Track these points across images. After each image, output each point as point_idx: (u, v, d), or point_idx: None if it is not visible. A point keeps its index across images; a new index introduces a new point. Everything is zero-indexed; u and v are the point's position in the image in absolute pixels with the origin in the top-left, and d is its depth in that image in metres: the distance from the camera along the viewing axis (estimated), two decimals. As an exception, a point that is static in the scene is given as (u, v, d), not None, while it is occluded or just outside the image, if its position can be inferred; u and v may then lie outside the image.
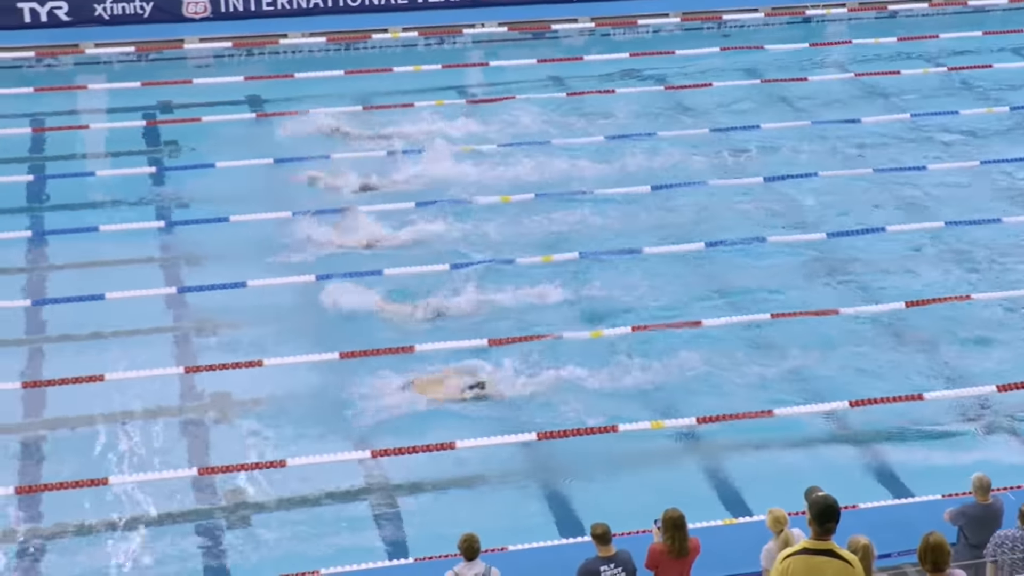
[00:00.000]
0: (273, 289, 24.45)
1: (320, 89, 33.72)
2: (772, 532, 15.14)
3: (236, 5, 37.95)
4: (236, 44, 36.88)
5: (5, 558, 18.22)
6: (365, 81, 34.49)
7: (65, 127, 31.77)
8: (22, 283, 25.09)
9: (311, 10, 38.22)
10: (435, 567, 16.20)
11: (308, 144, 30.28)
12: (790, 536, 14.95)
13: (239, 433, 20.73)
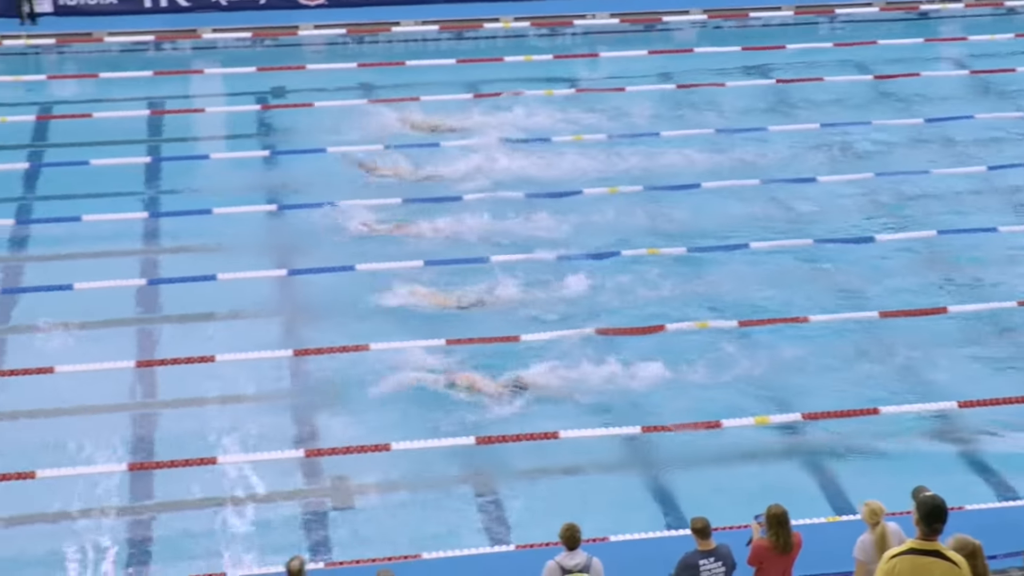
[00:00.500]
0: (381, 274, 24.49)
1: (431, 77, 33.79)
2: (868, 524, 14.99)
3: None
4: (350, 31, 37.03)
5: (115, 534, 18.40)
6: (476, 70, 34.50)
7: (181, 110, 32.04)
8: (137, 264, 25.31)
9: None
10: (536, 555, 16.14)
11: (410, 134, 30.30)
12: (886, 529, 14.81)
13: (345, 416, 20.77)
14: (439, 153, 29.28)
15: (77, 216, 26.59)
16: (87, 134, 30.54)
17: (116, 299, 23.89)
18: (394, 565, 15.33)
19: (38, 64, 35.42)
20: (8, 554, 18.09)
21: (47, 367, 21.78)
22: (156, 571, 17.68)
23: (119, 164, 28.93)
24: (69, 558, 17.95)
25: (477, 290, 23.95)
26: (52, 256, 25.49)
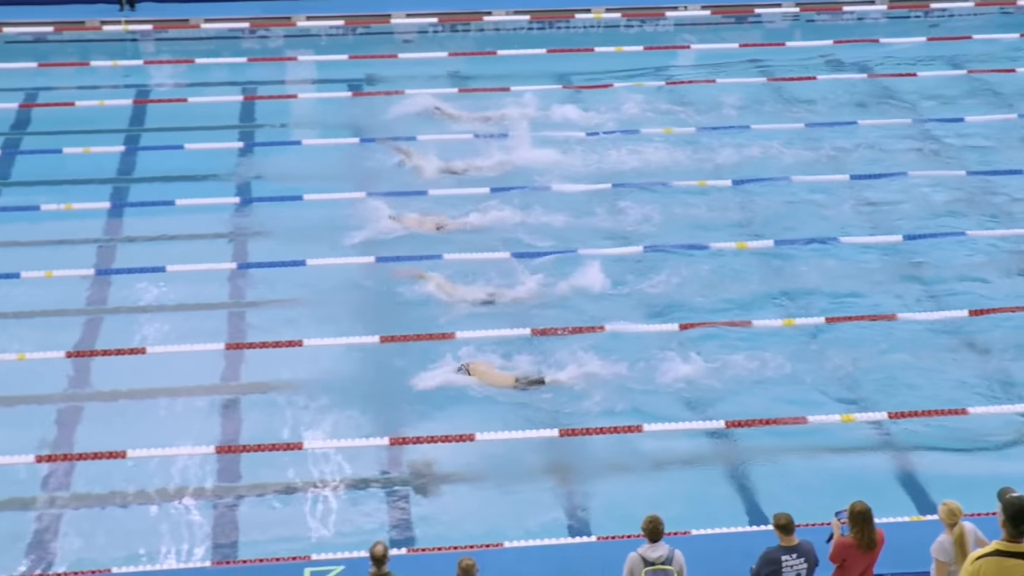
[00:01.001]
0: (470, 264, 24.53)
1: (521, 67, 33.76)
2: (945, 525, 14.85)
3: (443, -19, 38.18)
4: (441, 20, 37.03)
5: (203, 515, 18.57)
6: (566, 60, 34.43)
7: (274, 96, 32.19)
8: (228, 247, 25.48)
9: (517, -11, 38.29)
10: (619, 547, 16.14)
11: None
12: (964, 529, 14.68)
13: (427, 406, 20.80)
14: (523, 143, 29.16)
15: (171, 200, 26.84)
16: (182, 119, 30.80)
17: (207, 282, 24.08)
18: (476, 553, 15.31)
19: (136, 50, 35.71)
20: (100, 531, 18.30)
21: (140, 348, 22.01)
22: (242, 552, 17.81)
23: (212, 149, 29.12)
24: (157, 537, 18.14)
25: (569, 281, 23.92)
26: (145, 238, 25.69)
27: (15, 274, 24.23)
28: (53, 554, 17.80)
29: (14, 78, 33.18)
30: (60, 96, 32.20)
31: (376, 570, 14.71)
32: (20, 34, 35.92)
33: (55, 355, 21.94)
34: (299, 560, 17.32)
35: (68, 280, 24.13)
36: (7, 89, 32.41)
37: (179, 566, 17.48)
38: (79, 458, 19.58)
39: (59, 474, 19.39)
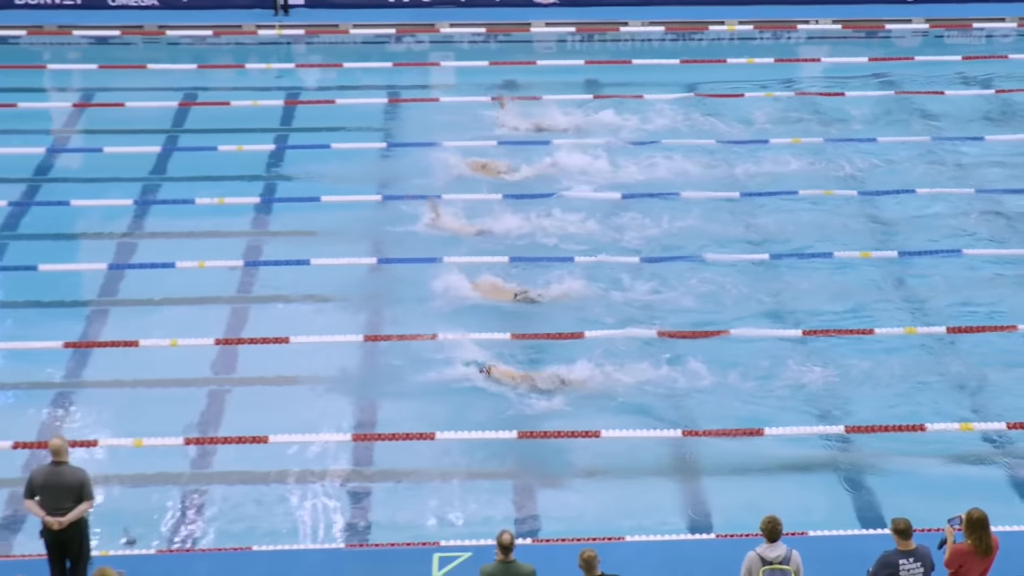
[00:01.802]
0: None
1: (655, 76, 33.59)
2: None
3: (583, -8, 38.12)
4: (579, 29, 36.98)
5: (338, 499, 18.65)
6: (699, 71, 34.19)
7: (417, 99, 32.31)
8: (367, 245, 25.51)
9: (653, 0, 38.05)
10: (738, 545, 15.96)
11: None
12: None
13: (550, 404, 20.70)
14: (657, 151, 29.01)
15: (316, 197, 27.03)
16: (329, 119, 31.00)
17: (348, 275, 24.19)
18: (598, 546, 15.21)
19: (288, 53, 36.08)
20: (241, 511, 18.47)
21: (283, 337, 22.16)
22: (374, 536, 17.85)
23: (357, 148, 29.25)
24: (294, 518, 18.25)
25: (687, 284, 23.75)
26: (292, 232, 25.87)
27: (171, 263, 24.54)
28: (197, 530, 17.98)
29: (175, 78, 33.64)
30: (217, 96, 32.61)
31: (503, 557, 14.67)
32: (181, 37, 36.44)
33: (205, 342, 22.19)
34: (428, 546, 17.34)
35: (218, 270, 24.39)
36: (168, 88, 32.85)
37: (315, 547, 17.57)
38: (224, 441, 19.78)
39: (205, 455, 19.60)
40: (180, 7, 37.65)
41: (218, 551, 17.38)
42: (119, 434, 19.76)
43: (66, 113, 32.12)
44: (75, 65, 35.29)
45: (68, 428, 19.93)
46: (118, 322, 23.07)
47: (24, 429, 19.96)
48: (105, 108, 32.04)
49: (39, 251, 25.21)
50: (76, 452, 18.09)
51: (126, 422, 20.12)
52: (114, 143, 29.71)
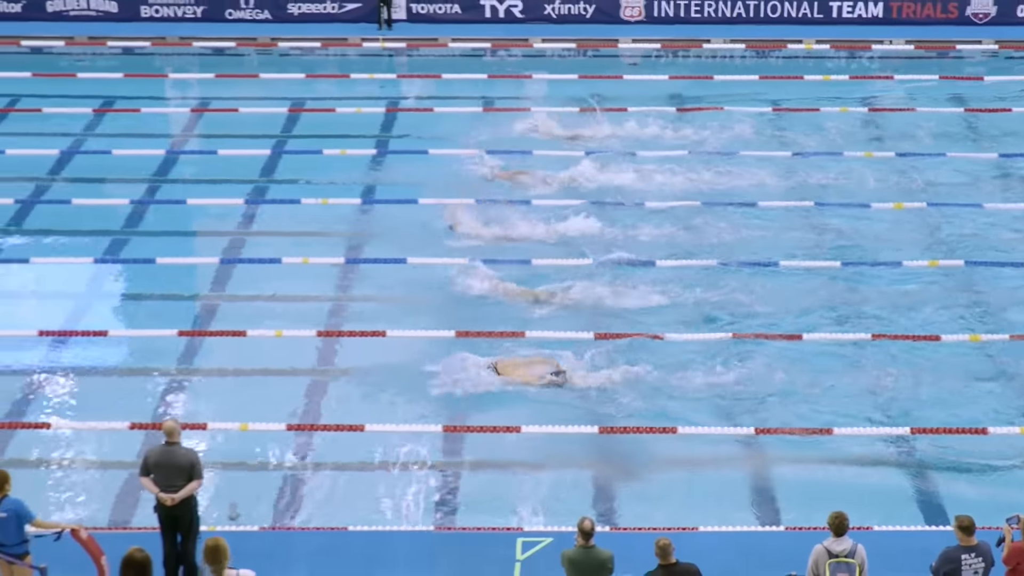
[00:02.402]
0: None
1: (735, 91, 33.39)
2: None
3: (667, 11, 37.94)
4: (664, 46, 36.85)
5: (428, 485, 18.69)
6: (777, 87, 33.95)
7: (510, 109, 32.30)
8: (465, 244, 25.53)
9: (734, 19, 37.89)
10: (806, 538, 15.77)
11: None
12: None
13: (632, 397, 20.63)
14: (737, 161, 28.84)
15: (414, 199, 27.08)
16: (428, 127, 31.04)
17: (441, 275, 24.18)
18: (673, 535, 15.10)
19: (390, 64, 36.21)
20: (337, 494, 18.55)
21: (380, 331, 22.23)
22: (461, 520, 17.85)
23: (453, 155, 29.27)
24: (387, 502, 18.30)
25: (760, 290, 23.62)
26: (390, 233, 25.88)
27: (277, 259, 24.67)
28: (297, 510, 18.07)
29: (285, 87, 33.86)
30: (323, 104, 32.75)
31: (583, 543, 14.61)
32: (291, 49, 36.71)
33: (307, 333, 22.29)
34: (512, 531, 17.33)
35: (321, 267, 24.46)
36: (278, 96, 33.05)
37: (406, 528, 17.60)
38: (323, 428, 19.86)
39: (305, 440, 19.69)
40: (291, 20, 37.95)
41: (316, 530, 17.46)
42: (226, 418, 19.91)
43: (184, 118, 32.44)
44: (194, 74, 35.66)
45: (179, 412, 20.12)
46: (228, 313, 23.25)
47: (140, 411, 20.16)
48: (220, 114, 32.36)
49: (157, 246, 25.46)
50: (186, 434, 18.31)
51: (233, 407, 20.27)
52: (227, 146, 29.96)
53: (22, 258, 25.16)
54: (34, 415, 20.23)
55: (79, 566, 15.30)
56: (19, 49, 36.53)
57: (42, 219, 26.75)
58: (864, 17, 37.93)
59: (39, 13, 37.87)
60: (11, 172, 28.60)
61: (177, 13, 38.04)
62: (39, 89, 33.38)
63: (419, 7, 38.03)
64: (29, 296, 24.24)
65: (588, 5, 38.14)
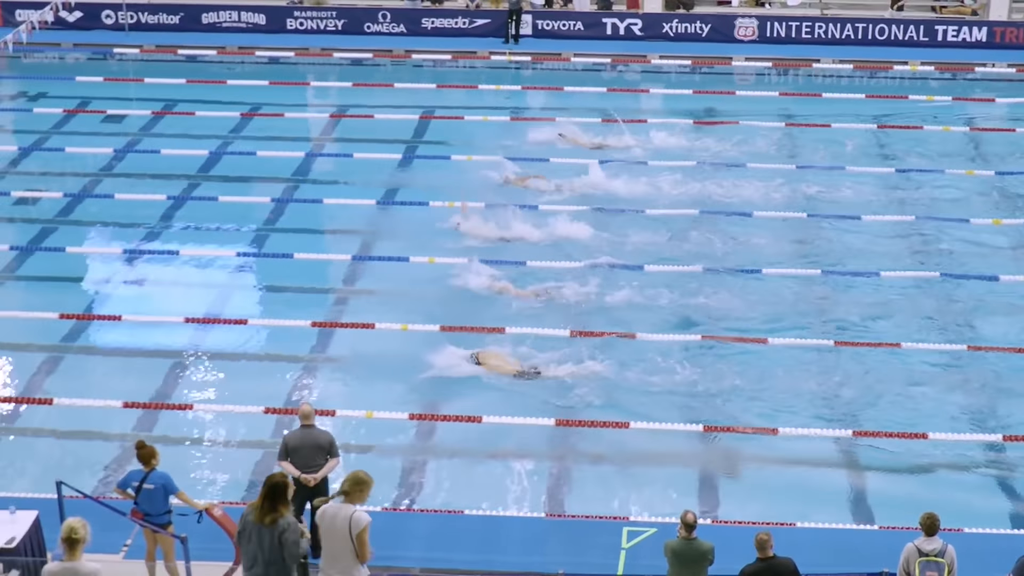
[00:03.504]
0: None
1: (842, 109, 32.98)
2: None
3: (780, 31, 37.61)
4: (776, 64, 36.54)
5: (540, 475, 18.66)
6: (881, 105, 33.47)
7: (628, 120, 32.16)
8: (588, 247, 25.44)
9: (843, 40, 37.48)
10: (898, 537, 15.57)
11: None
12: None
13: (738, 399, 20.48)
14: (838, 177, 28.48)
15: (535, 205, 27.02)
16: (550, 135, 30.96)
17: (562, 277, 24.12)
18: (770, 530, 14.93)
19: (516, 77, 36.26)
20: (455, 480, 18.67)
21: (498, 327, 22.19)
22: (570, 508, 17.82)
23: (575, 164, 29.15)
24: (501, 489, 18.35)
25: (850, 297, 23.33)
26: (516, 238, 25.78)
27: (404, 258, 24.80)
28: (416, 493, 18.17)
29: (417, 96, 34.05)
30: (452, 112, 32.84)
31: (686, 535, 14.51)
32: (424, 60, 36.94)
33: (431, 328, 22.35)
34: (618, 520, 17.26)
35: (449, 266, 24.51)
36: (411, 105, 33.24)
37: (519, 514, 17.61)
38: (443, 419, 19.94)
39: (426, 429, 19.79)
40: (424, 34, 38.21)
41: (434, 512, 17.53)
42: (354, 406, 20.04)
43: (323, 123, 32.75)
44: (333, 83, 35.99)
45: (311, 397, 20.29)
46: (358, 306, 23.33)
47: (275, 396, 20.39)
48: (356, 120, 32.61)
49: (295, 242, 25.67)
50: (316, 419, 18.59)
51: (360, 395, 20.39)
52: (362, 150, 30.15)
53: (172, 250, 25.59)
54: (178, 397, 20.55)
55: (215, 538, 15.51)
56: (175, 57, 37.20)
57: (191, 214, 27.16)
58: (968, 41, 37.27)
59: (194, 24, 38.56)
60: (165, 170, 29.11)
61: (320, 26, 38.49)
62: (192, 94, 33.95)
63: (544, 23, 38.10)
64: (177, 285, 24.59)
65: (704, 24, 37.92)
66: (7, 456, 19.17)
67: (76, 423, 19.84)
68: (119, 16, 38.56)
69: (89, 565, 12.30)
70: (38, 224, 26.94)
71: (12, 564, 13.79)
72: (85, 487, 16.40)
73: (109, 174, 29.25)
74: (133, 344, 22.16)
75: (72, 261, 25.30)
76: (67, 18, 38.10)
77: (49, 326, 22.67)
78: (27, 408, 20.22)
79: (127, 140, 31.14)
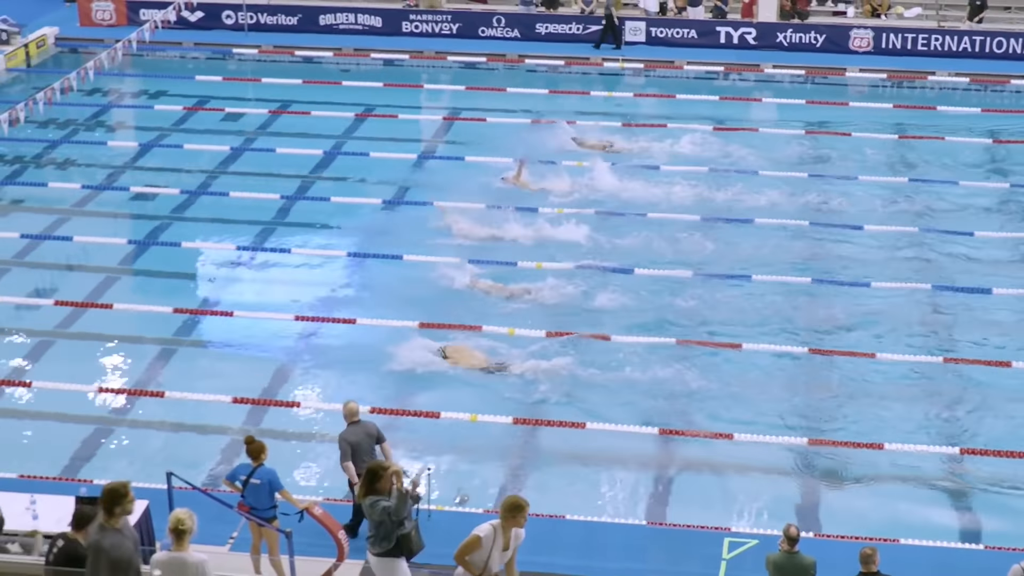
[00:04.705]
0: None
1: (957, 123, 32.49)
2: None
3: (895, 42, 37.07)
4: (890, 76, 36.02)
5: (644, 483, 18.64)
6: (998, 119, 32.91)
7: (739, 128, 31.88)
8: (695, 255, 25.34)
9: (959, 53, 36.86)
10: (1004, 557, 15.35)
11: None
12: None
13: (836, 413, 20.18)
14: (950, 190, 28.03)
15: (644, 213, 26.88)
16: (662, 140, 30.74)
17: (669, 287, 23.98)
18: (876, 545, 14.72)
19: (628, 83, 36.14)
20: (557, 484, 18.66)
21: (604, 334, 22.10)
22: (671, 517, 17.71)
23: (686, 171, 28.98)
24: (604, 495, 18.33)
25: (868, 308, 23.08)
26: (620, 249, 25.74)
27: (513, 262, 24.76)
28: (519, 496, 18.22)
29: (529, 101, 34.06)
30: (564, 116, 32.70)
31: (788, 548, 14.39)
32: (537, 65, 36.99)
33: (537, 333, 22.30)
34: (720, 530, 17.12)
35: (560, 272, 24.38)
36: (523, 110, 33.23)
37: (620, 521, 17.54)
38: (547, 424, 19.89)
39: (530, 434, 19.78)
40: (538, 39, 38.25)
41: (536, 516, 17.44)
42: (460, 409, 20.06)
43: (436, 126, 32.87)
44: (446, 86, 36.14)
45: (417, 401, 20.34)
46: (470, 309, 23.28)
47: (380, 397, 20.46)
48: (469, 123, 32.69)
49: (404, 244, 25.63)
50: (418, 422, 19.01)
51: (466, 399, 20.41)
52: (474, 153, 30.23)
53: (284, 248, 25.84)
54: (285, 394, 20.72)
55: (319, 533, 15.64)
56: (292, 58, 37.61)
57: (304, 214, 27.42)
58: (1089, 54, 36.57)
59: (312, 26, 38.96)
60: (279, 169, 29.44)
61: (435, 29, 38.70)
62: (308, 95, 34.29)
63: (658, 31, 37.92)
64: (288, 283, 24.78)
65: (818, 35, 37.52)
66: (120, 446, 19.53)
67: (186, 416, 20.15)
68: (239, 17, 39.09)
69: (196, 555, 12.46)
70: (155, 219, 27.39)
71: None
72: (194, 479, 16.63)
73: (225, 171, 29.67)
74: (243, 340, 22.41)
75: (187, 256, 25.68)
76: (189, 18, 38.72)
77: (163, 320, 23.03)
78: (140, 400, 20.57)
79: (243, 138, 31.58)
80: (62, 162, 30.49)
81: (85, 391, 20.73)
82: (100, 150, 31.25)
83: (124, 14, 39.38)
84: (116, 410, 20.50)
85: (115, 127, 33.30)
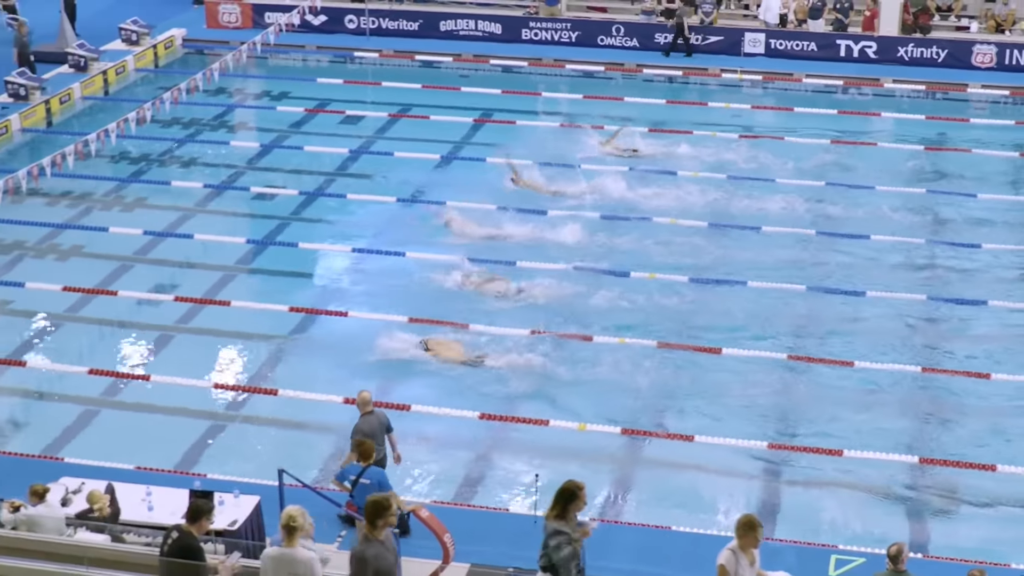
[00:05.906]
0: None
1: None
2: None
3: (1019, 58, 36.37)
4: (1013, 93, 35.29)
5: (749, 496, 18.51)
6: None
7: (856, 143, 31.49)
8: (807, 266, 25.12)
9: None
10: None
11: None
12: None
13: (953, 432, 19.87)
14: None
15: (757, 227, 26.71)
16: (780, 154, 30.45)
17: (780, 300, 23.80)
18: (985, 569, 14.45)
19: (746, 95, 35.88)
20: (662, 494, 18.64)
21: (715, 348, 21.94)
22: (779, 532, 17.55)
23: (801, 185, 28.71)
24: (706, 503, 18.28)
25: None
26: (732, 259, 25.62)
27: (626, 273, 24.59)
28: (623, 505, 18.20)
29: (646, 110, 33.89)
30: (682, 126, 32.48)
31: (893, 568, 14.16)
32: (655, 75, 36.89)
33: (648, 343, 22.15)
34: (827, 547, 16.91)
35: (670, 283, 24.21)
36: (639, 118, 33.05)
37: (725, 534, 17.40)
38: (651, 434, 19.82)
39: (637, 444, 19.72)
40: (656, 48, 38.14)
41: (642, 526, 17.46)
42: (567, 417, 20.09)
43: (552, 132, 32.83)
44: (563, 94, 36.17)
45: (529, 407, 20.35)
46: (559, 313, 23.15)
47: (487, 404, 20.54)
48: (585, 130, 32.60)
49: (514, 251, 25.57)
50: (527, 429, 19.13)
51: (576, 408, 20.40)
52: (589, 163, 30.10)
53: (398, 251, 25.80)
54: (398, 396, 20.63)
55: (425, 535, 15.71)
56: (412, 63, 37.89)
57: (419, 217, 27.46)
58: None
59: (432, 32, 39.28)
60: (397, 173, 29.64)
61: (553, 37, 38.76)
62: (427, 99, 34.50)
63: (777, 43, 37.63)
64: (401, 287, 24.43)
65: (940, 49, 36.95)
66: (234, 442, 19.81)
67: (299, 414, 20.38)
68: (361, 21, 39.51)
69: (305, 552, 12.62)
70: (274, 219, 27.76)
71: (234, 546, 14.21)
72: (305, 477, 16.81)
73: (343, 173, 29.99)
74: (357, 341, 22.47)
75: (304, 256, 25.97)
76: (312, 22, 39.20)
77: (278, 318, 23.32)
78: (254, 397, 20.85)
79: (362, 141, 31.89)
80: (185, 161, 31.05)
81: (201, 386, 21.08)
82: (223, 150, 31.81)
83: (250, 17, 40.02)
84: (230, 405, 20.81)
85: (237, 127, 33.83)
